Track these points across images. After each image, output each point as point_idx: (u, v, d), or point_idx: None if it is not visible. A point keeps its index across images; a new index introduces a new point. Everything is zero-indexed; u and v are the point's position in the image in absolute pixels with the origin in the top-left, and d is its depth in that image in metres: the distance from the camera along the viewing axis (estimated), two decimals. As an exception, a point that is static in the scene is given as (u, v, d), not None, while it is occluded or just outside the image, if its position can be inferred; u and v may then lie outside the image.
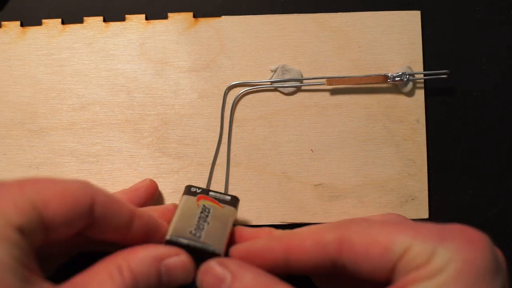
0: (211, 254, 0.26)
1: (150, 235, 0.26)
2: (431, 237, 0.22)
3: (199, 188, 0.30)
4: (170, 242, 0.26)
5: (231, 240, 0.29)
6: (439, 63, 0.36)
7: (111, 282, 0.22)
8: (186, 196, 0.30)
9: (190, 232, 0.27)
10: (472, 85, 0.37)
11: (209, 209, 0.29)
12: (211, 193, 0.30)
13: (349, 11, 0.36)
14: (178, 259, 0.25)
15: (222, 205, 0.30)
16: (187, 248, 0.26)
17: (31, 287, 0.20)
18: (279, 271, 0.25)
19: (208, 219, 0.28)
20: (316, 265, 0.25)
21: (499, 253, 0.23)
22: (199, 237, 0.27)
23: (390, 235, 0.23)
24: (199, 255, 0.26)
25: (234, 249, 0.27)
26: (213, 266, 0.25)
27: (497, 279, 0.21)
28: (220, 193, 0.30)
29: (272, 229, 0.29)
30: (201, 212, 0.29)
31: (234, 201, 0.30)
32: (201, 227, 0.28)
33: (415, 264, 0.22)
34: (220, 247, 0.27)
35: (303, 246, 0.24)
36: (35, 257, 0.22)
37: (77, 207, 0.22)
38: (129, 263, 0.23)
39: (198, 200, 0.29)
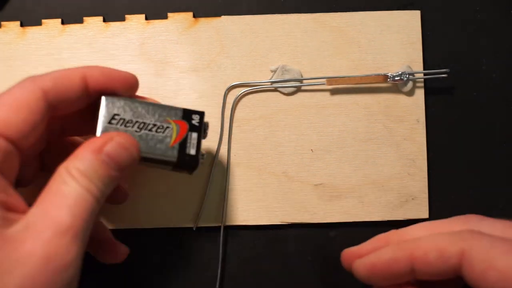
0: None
1: (109, 87, 0.27)
2: None
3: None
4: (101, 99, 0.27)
5: None
6: (439, 63, 0.36)
7: (67, 187, 0.23)
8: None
9: (128, 110, 0.28)
10: (472, 85, 0.37)
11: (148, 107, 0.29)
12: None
13: (349, 11, 0.36)
14: (115, 143, 0.25)
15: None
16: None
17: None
18: (405, 279, 0.26)
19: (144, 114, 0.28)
20: (440, 274, 0.25)
21: None
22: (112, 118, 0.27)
23: (509, 262, 0.23)
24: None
25: (360, 263, 0.27)
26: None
27: None
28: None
29: (383, 236, 0.29)
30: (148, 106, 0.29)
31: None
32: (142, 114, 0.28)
33: None
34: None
35: (427, 258, 0.25)
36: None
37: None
38: (75, 166, 0.24)
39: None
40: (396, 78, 0.35)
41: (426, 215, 0.35)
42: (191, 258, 0.35)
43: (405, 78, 0.35)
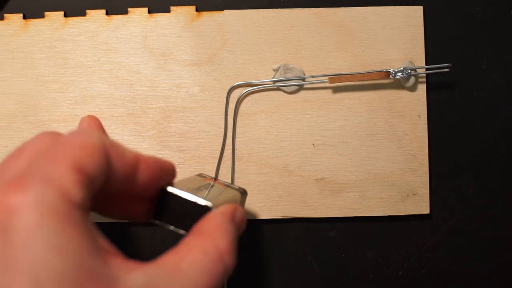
0: (204, 208, 0.24)
1: (158, 178, 0.24)
2: None
3: (209, 176, 0.30)
4: (167, 192, 0.25)
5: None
6: (441, 59, 0.36)
7: (206, 257, 0.21)
8: (193, 175, 0.30)
9: (188, 188, 0.26)
10: (472, 84, 0.37)
11: (212, 185, 0.29)
12: (219, 179, 0.30)
13: (351, 6, 0.36)
14: (241, 213, 0.25)
15: (226, 187, 0.30)
16: (182, 200, 0.24)
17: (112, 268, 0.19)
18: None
19: (210, 188, 0.28)
20: None
21: None
22: (197, 194, 0.25)
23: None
24: (193, 207, 0.24)
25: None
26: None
27: None
28: (229, 183, 0.30)
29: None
30: (205, 184, 0.28)
31: (240, 189, 0.30)
32: (202, 190, 0.27)
33: None
34: (215, 203, 0.25)
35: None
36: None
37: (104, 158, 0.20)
38: (219, 234, 0.22)
39: (204, 180, 0.29)
40: (398, 74, 0.35)
41: (427, 211, 0.35)
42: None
43: (406, 74, 0.35)
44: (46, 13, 0.35)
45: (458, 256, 0.36)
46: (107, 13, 0.36)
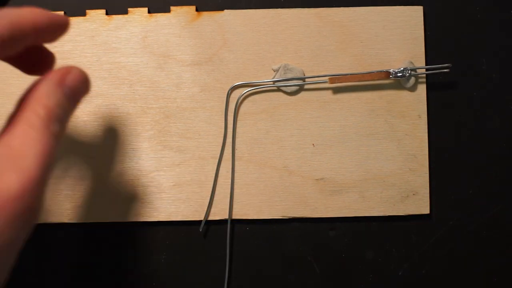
0: None
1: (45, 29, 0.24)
2: None
3: None
4: None
5: None
6: (441, 60, 0.36)
7: (32, 128, 0.21)
8: None
9: None
10: (472, 84, 0.37)
11: None
12: None
13: (351, 6, 0.36)
14: (74, 75, 0.24)
15: None
16: None
17: None
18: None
19: None
20: None
21: None
22: None
23: None
24: None
25: None
26: None
27: None
28: None
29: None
30: None
31: None
32: None
33: None
34: None
35: None
36: None
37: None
38: (40, 101, 0.22)
39: None
40: (398, 75, 0.35)
41: (427, 211, 0.35)
42: (197, 254, 0.35)
43: (407, 74, 0.35)
44: (46, 13, 0.35)
45: (458, 256, 0.36)
46: (107, 13, 0.36)
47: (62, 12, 0.35)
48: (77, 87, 0.24)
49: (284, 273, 0.36)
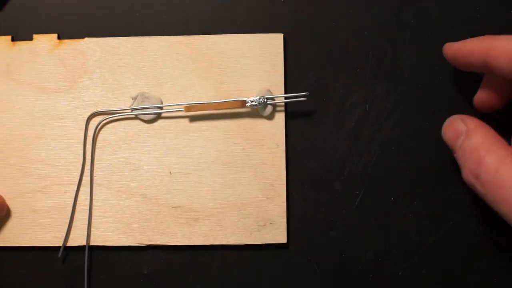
0: None
1: None
2: None
3: None
4: None
5: None
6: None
7: None
8: None
9: None
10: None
11: None
12: None
13: (215, 34, 0.36)
14: None
15: None
16: None
17: None
18: (481, 70, 0.31)
19: None
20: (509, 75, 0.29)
21: None
22: None
23: None
24: None
25: (448, 46, 0.33)
26: (455, 119, 0.31)
27: None
28: None
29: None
30: None
31: None
32: None
33: None
34: None
35: (497, 61, 0.29)
36: None
37: None
38: None
39: None
40: (254, 103, 0.35)
41: (284, 240, 0.35)
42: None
43: (262, 102, 0.35)
44: None
45: (458, 256, 0.36)
46: (-30, 41, 0.36)
47: None
48: None
49: (284, 273, 0.36)
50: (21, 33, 0.37)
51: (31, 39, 0.36)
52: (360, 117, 0.36)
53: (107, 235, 0.35)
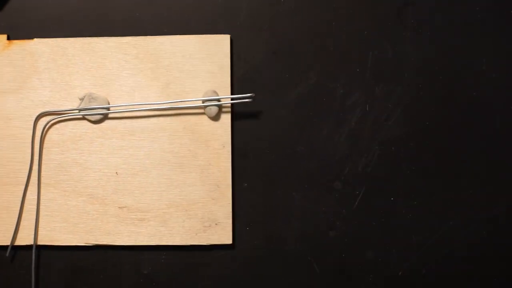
0: None
1: None
2: None
3: None
4: None
5: None
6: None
7: None
8: None
9: None
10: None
11: None
12: None
13: (166, 35, 0.36)
14: None
15: None
16: None
17: None
18: None
19: None
20: None
21: None
22: None
23: None
24: None
25: None
26: None
27: None
28: None
29: None
30: None
31: None
32: None
33: None
34: None
35: None
36: None
37: None
38: None
39: None
40: (198, 104, 0.35)
41: (230, 241, 0.35)
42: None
43: (208, 104, 0.35)
44: None
45: (458, 256, 0.36)
46: None
47: None
48: None
49: (284, 273, 0.36)
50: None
51: (-19, 39, 0.37)
52: (360, 117, 0.36)
53: (54, 234, 0.36)
